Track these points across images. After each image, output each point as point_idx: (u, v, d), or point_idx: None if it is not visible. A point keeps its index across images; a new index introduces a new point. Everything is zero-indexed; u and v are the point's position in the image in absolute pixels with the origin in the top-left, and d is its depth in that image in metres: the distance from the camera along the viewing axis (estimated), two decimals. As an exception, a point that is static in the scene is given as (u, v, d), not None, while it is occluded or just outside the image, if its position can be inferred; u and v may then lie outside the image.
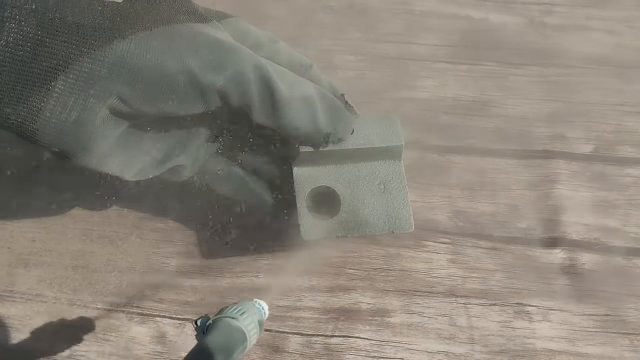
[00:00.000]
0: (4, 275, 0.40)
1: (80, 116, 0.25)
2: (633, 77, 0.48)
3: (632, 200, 0.42)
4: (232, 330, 0.26)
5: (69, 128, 0.25)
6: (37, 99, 0.25)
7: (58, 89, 0.25)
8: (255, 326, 0.27)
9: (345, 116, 0.33)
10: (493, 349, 0.36)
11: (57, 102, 0.25)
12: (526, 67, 0.49)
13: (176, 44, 0.26)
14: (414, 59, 0.49)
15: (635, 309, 0.38)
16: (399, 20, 0.52)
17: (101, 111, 0.26)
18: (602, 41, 0.50)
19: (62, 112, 0.25)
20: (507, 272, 0.39)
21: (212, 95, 0.28)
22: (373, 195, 0.34)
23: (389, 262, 0.39)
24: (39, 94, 0.25)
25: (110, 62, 0.25)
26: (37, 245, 0.41)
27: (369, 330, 0.37)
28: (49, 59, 0.24)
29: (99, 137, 0.27)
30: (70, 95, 0.25)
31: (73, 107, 0.25)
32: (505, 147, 0.45)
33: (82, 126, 0.26)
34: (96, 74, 0.25)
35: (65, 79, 0.25)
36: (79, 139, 0.26)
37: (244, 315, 0.27)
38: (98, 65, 0.25)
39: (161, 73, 0.26)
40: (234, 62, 0.27)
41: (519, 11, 0.52)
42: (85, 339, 0.37)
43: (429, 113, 0.46)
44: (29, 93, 0.24)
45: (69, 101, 0.25)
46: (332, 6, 0.52)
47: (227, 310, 0.27)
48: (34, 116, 0.25)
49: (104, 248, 0.40)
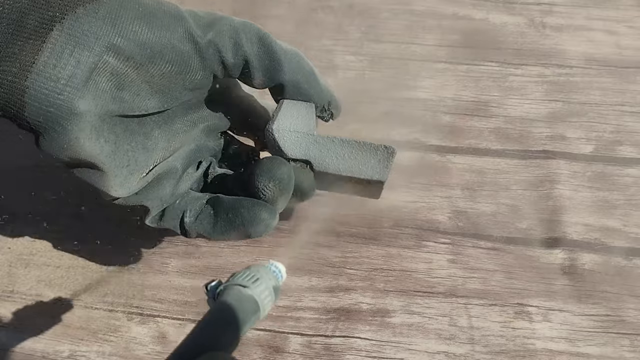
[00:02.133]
0: (4, 275, 0.40)
1: (74, 71, 0.24)
2: (633, 77, 0.48)
3: (632, 200, 0.42)
4: (243, 299, 0.24)
5: (60, 86, 0.24)
6: (31, 53, 0.24)
7: (52, 40, 0.24)
8: (270, 293, 0.25)
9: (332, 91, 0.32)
10: (493, 349, 0.36)
11: (51, 54, 0.24)
12: (526, 67, 0.49)
13: (167, 4, 0.27)
14: (414, 59, 0.49)
15: (635, 309, 0.38)
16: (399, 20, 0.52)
17: (96, 72, 0.25)
18: (602, 41, 0.50)
19: (56, 65, 0.24)
20: (507, 272, 0.39)
21: (207, 49, 0.27)
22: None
23: (389, 262, 0.40)
24: (33, 47, 0.24)
25: (103, 13, 0.25)
26: (37, 245, 0.41)
27: (369, 330, 0.37)
28: (45, 10, 0.24)
29: (89, 102, 0.25)
30: (65, 48, 0.24)
31: (68, 59, 0.24)
32: (505, 147, 0.45)
33: (74, 83, 0.24)
34: (91, 23, 0.24)
35: (60, 30, 0.24)
36: (68, 100, 0.24)
37: (257, 282, 0.25)
38: (92, 15, 0.24)
39: (155, 23, 0.26)
40: (221, 19, 0.28)
41: (518, 11, 0.52)
42: (85, 339, 0.37)
43: (429, 113, 0.46)
44: (23, 47, 0.24)
45: (63, 54, 0.24)
46: (332, 6, 0.52)
47: (239, 277, 0.25)
48: (25, 71, 0.24)
49: (104, 248, 0.40)
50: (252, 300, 0.24)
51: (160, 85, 0.27)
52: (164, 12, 0.26)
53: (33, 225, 0.41)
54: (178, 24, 0.26)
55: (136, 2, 0.26)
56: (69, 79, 0.24)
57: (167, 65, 0.26)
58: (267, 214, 0.29)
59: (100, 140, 0.26)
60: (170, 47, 0.26)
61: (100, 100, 0.25)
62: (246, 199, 0.30)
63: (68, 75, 0.24)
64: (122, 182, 0.28)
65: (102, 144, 0.26)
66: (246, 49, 0.28)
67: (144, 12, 0.26)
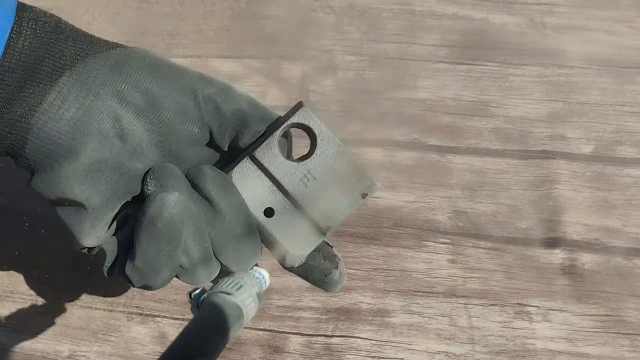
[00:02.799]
0: (4, 275, 0.40)
1: (77, 113, 0.26)
2: (633, 77, 0.48)
3: (632, 200, 0.42)
4: (227, 306, 0.24)
5: (62, 126, 0.25)
6: (39, 95, 0.25)
7: (60, 84, 0.25)
8: (254, 299, 0.25)
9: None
10: (493, 349, 0.36)
11: (57, 97, 0.25)
12: (526, 67, 0.49)
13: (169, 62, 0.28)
14: (414, 59, 0.49)
15: (635, 309, 0.38)
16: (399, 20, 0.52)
17: (98, 117, 0.26)
18: (602, 41, 0.50)
19: (60, 106, 0.25)
20: (507, 272, 0.39)
21: (207, 102, 0.28)
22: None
23: (389, 262, 0.40)
24: (42, 91, 0.25)
25: (111, 62, 0.26)
26: (37, 245, 0.41)
27: (369, 330, 0.37)
28: (58, 58, 0.26)
29: (88, 145, 0.26)
30: (71, 90, 0.26)
31: (72, 102, 0.26)
32: (505, 147, 0.45)
33: (76, 125, 0.26)
34: (98, 71, 0.26)
35: (69, 75, 0.26)
36: (68, 140, 0.26)
37: (241, 289, 0.25)
38: (100, 64, 0.26)
39: (159, 74, 0.27)
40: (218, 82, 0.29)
41: (518, 11, 0.52)
42: (85, 339, 0.37)
43: (429, 113, 0.46)
44: (33, 91, 0.25)
45: (69, 96, 0.26)
46: (332, 6, 0.52)
47: (223, 284, 0.26)
48: (32, 111, 0.25)
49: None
50: (236, 307, 0.25)
51: (160, 136, 0.28)
52: (169, 66, 0.28)
53: (33, 225, 0.41)
54: (180, 77, 0.28)
55: (144, 54, 0.27)
56: (70, 120, 0.26)
57: (167, 113, 0.27)
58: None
59: (89, 186, 0.27)
60: (171, 96, 0.27)
61: (100, 144, 0.26)
62: None
63: (71, 116, 0.26)
64: (95, 233, 0.28)
65: (90, 191, 0.27)
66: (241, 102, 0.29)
67: (149, 63, 0.27)
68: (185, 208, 0.26)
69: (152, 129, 0.27)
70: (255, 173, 0.30)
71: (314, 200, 0.29)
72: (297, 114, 0.29)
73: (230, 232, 0.28)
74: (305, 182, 0.29)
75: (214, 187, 0.28)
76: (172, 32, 0.50)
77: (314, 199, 0.29)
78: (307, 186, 0.29)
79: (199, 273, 0.29)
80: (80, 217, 0.28)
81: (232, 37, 0.51)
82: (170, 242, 0.26)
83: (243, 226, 0.28)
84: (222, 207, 0.28)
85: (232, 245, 0.28)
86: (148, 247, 0.26)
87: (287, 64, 0.49)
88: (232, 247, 0.28)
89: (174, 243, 0.27)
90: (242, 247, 0.29)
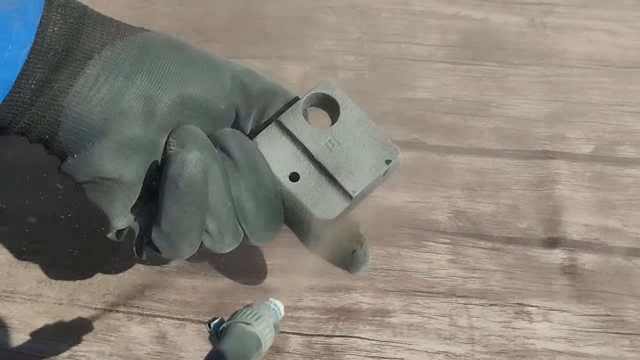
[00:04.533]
0: (4, 275, 0.40)
1: (108, 94, 0.27)
2: (633, 77, 0.48)
3: (632, 200, 0.42)
4: (247, 336, 0.25)
5: (92, 107, 0.26)
6: (70, 78, 0.26)
7: (90, 67, 0.26)
8: (271, 330, 0.26)
9: None
10: (493, 349, 0.36)
11: (87, 79, 0.26)
12: (526, 67, 0.49)
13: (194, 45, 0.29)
14: (414, 59, 0.49)
15: (635, 309, 0.38)
16: (399, 20, 0.52)
17: (128, 96, 0.27)
18: (602, 41, 0.50)
19: (91, 88, 0.26)
20: (507, 272, 0.39)
21: (234, 80, 0.29)
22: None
23: (389, 262, 0.39)
24: (72, 73, 0.26)
25: (139, 44, 0.27)
26: (37, 246, 0.41)
27: (369, 330, 0.37)
28: (87, 42, 0.27)
29: (119, 125, 0.27)
30: (101, 73, 0.26)
31: (103, 84, 0.26)
32: (505, 147, 0.45)
33: (107, 105, 0.27)
34: (127, 53, 0.27)
35: (98, 58, 0.27)
36: (99, 120, 0.26)
37: (259, 320, 0.26)
38: (129, 46, 0.27)
39: (187, 53, 0.28)
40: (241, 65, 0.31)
41: (518, 11, 0.52)
42: (85, 339, 0.37)
43: (429, 113, 0.46)
44: (64, 74, 0.26)
45: (99, 78, 0.26)
46: (332, 6, 0.52)
47: (241, 314, 0.26)
48: (64, 93, 0.26)
49: (103, 248, 0.40)
50: (255, 337, 0.25)
51: (188, 112, 0.29)
52: (194, 48, 0.29)
53: (33, 225, 0.41)
54: (206, 56, 0.29)
55: (169, 37, 0.29)
56: (101, 101, 0.27)
57: (196, 89, 0.28)
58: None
59: (121, 164, 0.28)
60: (199, 74, 0.28)
61: (130, 122, 0.27)
62: None
63: (101, 98, 0.27)
64: (127, 213, 0.29)
65: (123, 168, 0.28)
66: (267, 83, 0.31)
67: (176, 44, 0.29)
68: (206, 166, 0.26)
69: (182, 107, 0.28)
70: (281, 138, 0.30)
71: (339, 164, 0.30)
72: (320, 85, 0.30)
73: (253, 194, 0.28)
74: (330, 147, 0.30)
75: (237, 146, 0.28)
76: (172, 32, 0.50)
77: (339, 162, 0.30)
78: (332, 151, 0.30)
79: (225, 238, 0.29)
80: (112, 197, 0.28)
81: (232, 37, 0.51)
82: (193, 202, 0.26)
83: (266, 189, 0.29)
84: (244, 167, 0.28)
85: (254, 209, 0.28)
86: (172, 208, 0.26)
87: (287, 64, 0.49)
88: (255, 212, 0.29)
89: (198, 203, 0.27)
90: (264, 212, 0.29)
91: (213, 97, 0.29)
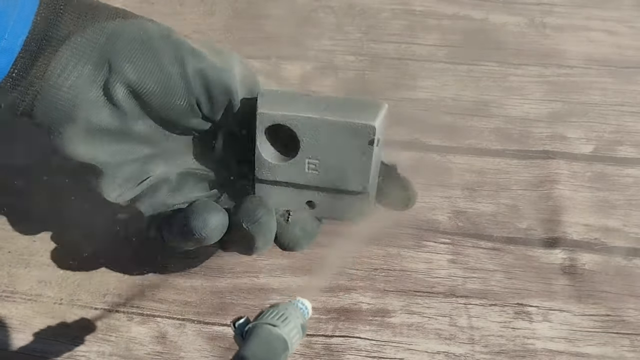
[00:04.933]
0: (4, 275, 0.40)
1: (76, 82, 0.27)
2: (633, 77, 0.48)
3: (632, 200, 0.42)
4: (273, 339, 0.24)
5: (62, 93, 0.27)
6: (45, 64, 0.27)
7: (60, 54, 0.27)
8: (298, 331, 0.25)
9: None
10: (493, 349, 0.36)
11: (57, 65, 0.27)
12: (526, 67, 0.49)
13: (167, 34, 0.29)
14: (414, 59, 0.49)
15: (635, 309, 0.38)
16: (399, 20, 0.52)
17: (96, 85, 0.28)
18: (602, 41, 0.50)
19: (60, 75, 0.27)
20: (507, 272, 0.39)
21: (195, 77, 0.29)
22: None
23: (389, 262, 0.40)
24: (47, 60, 0.27)
25: (108, 33, 0.28)
26: (37, 245, 0.41)
27: (369, 330, 0.37)
28: (63, 29, 0.27)
29: (86, 112, 0.28)
30: (70, 61, 0.27)
31: (71, 71, 0.27)
32: (505, 147, 0.45)
33: (75, 92, 0.27)
34: (96, 41, 0.28)
35: (68, 45, 0.27)
36: (67, 107, 0.28)
37: (286, 321, 0.25)
38: (98, 33, 0.28)
39: (151, 45, 0.28)
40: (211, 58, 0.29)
41: (518, 11, 0.52)
42: (85, 339, 0.37)
43: (429, 113, 0.46)
44: (41, 60, 0.27)
45: (67, 66, 0.27)
46: (332, 6, 0.52)
47: (267, 315, 0.25)
48: (39, 79, 0.27)
49: (104, 248, 0.40)
50: (282, 340, 0.25)
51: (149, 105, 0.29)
52: (163, 39, 0.29)
53: (33, 225, 0.41)
54: (172, 50, 0.29)
55: (140, 26, 0.29)
56: (70, 88, 0.27)
57: (152, 85, 0.28)
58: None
59: (93, 147, 0.29)
60: (157, 70, 0.28)
61: (97, 111, 0.28)
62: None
63: (70, 85, 0.27)
64: (114, 189, 0.30)
65: (95, 151, 0.29)
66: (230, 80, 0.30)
67: (143, 35, 0.28)
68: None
69: (143, 99, 0.29)
70: (272, 190, 0.30)
71: (333, 177, 0.30)
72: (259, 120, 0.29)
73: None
74: (313, 169, 0.30)
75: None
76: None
77: (333, 175, 0.30)
78: (319, 171, 0.30)
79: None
80: (97, 177, 0.30)
81: (232, 37, 0.51)
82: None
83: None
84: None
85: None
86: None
87: (287, 64, 0.49)
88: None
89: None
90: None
91: (169, 94, 0.29)
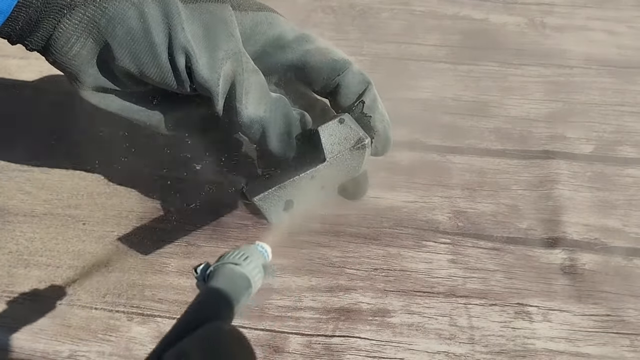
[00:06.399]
0: (4, 275, 0.40)
1: (80, 52, 0.30)
2: (633, 77, 0.48)
3: (632, 200, 0.42)
4: (235, 277, 0.24)
5: (68, 60, 0.30)
6: (49, 29, 0.29)
7: (63, 25, 0.29)
8: (260, 271, 0.26)
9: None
10: (493, 349, 0.36)
11: (60, 36, 0.29)
12: (526, 67, 0.49)
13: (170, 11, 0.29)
14: (414, 59, 0.49)
15: (635, 309, 0.38)
16: (399, 20, 0.52)
17: (97, 61, 0.30)
18: (602, 41, 0.50)
19: (65, 44, 0.29)
20: (507, 272, 0.39)
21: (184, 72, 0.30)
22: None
23: (389, 262, 0.40)
24: (52, 24, 0.29)
25: (110, 14, 0.29)
26: (37, 245, 0.41)
27: (369, 330, 0.37)
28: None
29: (90, 76, 0.31)
30: (73, 32, 0.29)
31: (75, 42, 0.29)
32: (505, 147, 0.45)
33: (79, 61, 0.30)
34: (97, 21, 0.29)
35: (70, 19, 0.29)
36: (75, 71, 0.31)
37: (247, 260, 0.25)
38: (100, 15, 0.29)
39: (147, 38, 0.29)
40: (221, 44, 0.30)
41: (518, 11, 0.52)
42: (85, 339, 0.37)
43: (429, 113, 0.46)
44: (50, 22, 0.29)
45: (71, 37, 0.29)
46: (332, 6, 0.52)
47: (229, 256, 0.26)
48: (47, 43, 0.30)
49: (103, 248, 0.40)
50: (245, 277, 0.25)
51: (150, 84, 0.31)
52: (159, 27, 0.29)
53: (33, 225, 0.41)
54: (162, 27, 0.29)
55: (139, 14, 0.30)
56: (74, 57, 0.30)
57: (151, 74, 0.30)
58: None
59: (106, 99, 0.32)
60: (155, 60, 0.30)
61: (99, 78, 0.31)
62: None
63: (74, 54, 0.30)
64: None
65: (107, 101, 0.32)
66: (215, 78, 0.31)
67: (143, 24, 0.29)
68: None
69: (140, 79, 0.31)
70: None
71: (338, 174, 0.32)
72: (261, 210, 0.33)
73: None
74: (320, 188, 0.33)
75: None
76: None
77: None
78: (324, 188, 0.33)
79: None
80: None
81: (232, 37, 0.51)
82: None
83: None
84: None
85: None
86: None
87: (287, 64, 0.49)
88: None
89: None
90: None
91: (166, 84, 0.30)
